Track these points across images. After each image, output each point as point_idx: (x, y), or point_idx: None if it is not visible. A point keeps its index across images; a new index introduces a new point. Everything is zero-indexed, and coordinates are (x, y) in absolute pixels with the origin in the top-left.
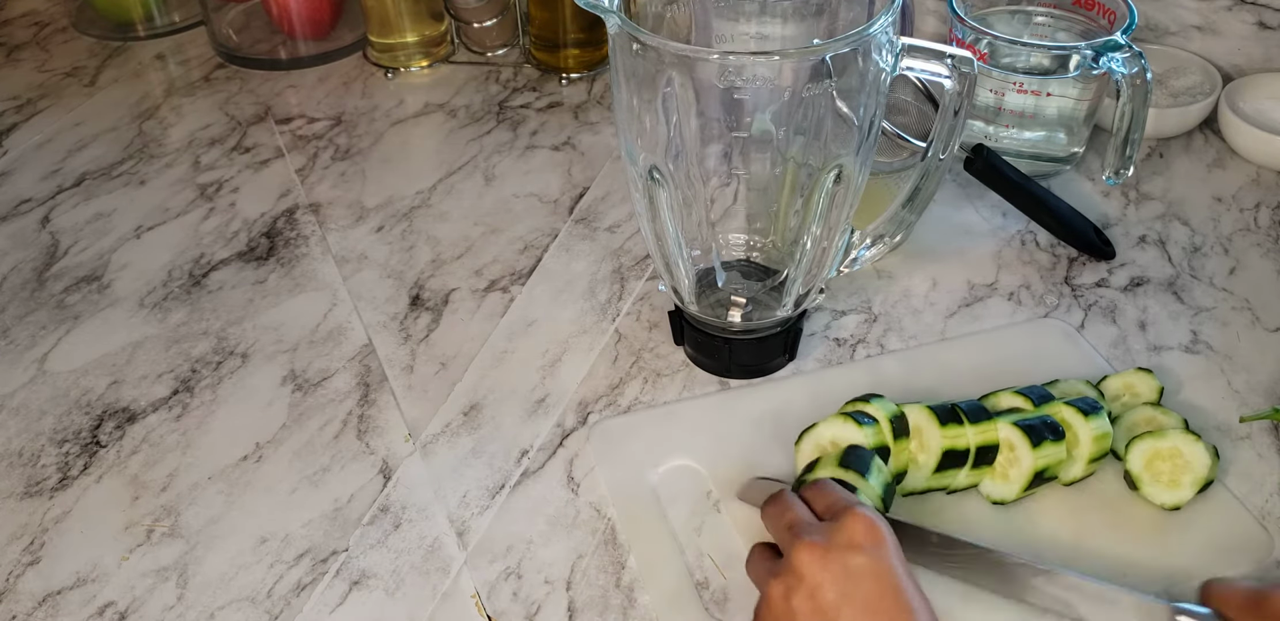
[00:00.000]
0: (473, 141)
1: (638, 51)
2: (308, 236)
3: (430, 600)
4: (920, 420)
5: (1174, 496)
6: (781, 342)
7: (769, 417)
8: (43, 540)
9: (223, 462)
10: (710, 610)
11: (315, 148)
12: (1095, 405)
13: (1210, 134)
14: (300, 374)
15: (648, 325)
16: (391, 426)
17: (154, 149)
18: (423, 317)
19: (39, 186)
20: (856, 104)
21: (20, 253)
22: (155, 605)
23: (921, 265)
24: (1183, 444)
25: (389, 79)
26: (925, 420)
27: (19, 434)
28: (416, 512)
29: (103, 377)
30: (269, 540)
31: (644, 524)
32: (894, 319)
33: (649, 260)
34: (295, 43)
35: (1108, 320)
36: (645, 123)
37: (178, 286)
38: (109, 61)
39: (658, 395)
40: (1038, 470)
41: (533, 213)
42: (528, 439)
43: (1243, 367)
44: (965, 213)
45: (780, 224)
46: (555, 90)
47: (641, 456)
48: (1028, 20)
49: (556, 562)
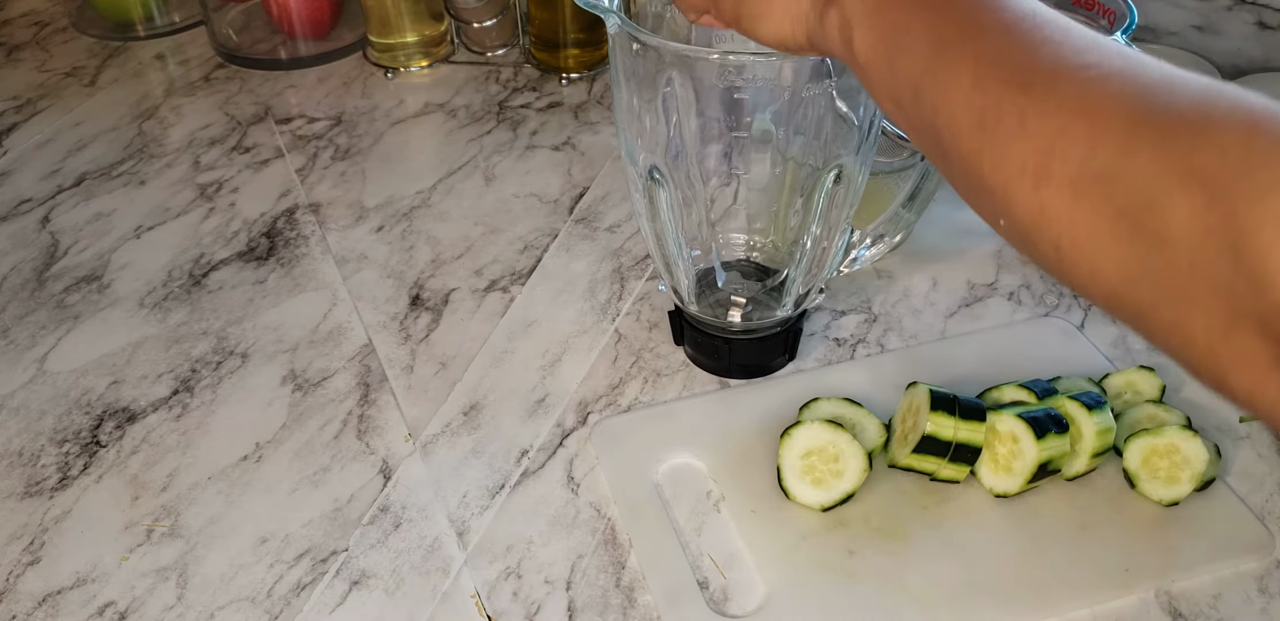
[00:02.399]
0: (473, 141)
1: (638, 51)
2: (308, 236)
3: (430, 600)
4: (919, 397)
5: (1172, 492)
6: (781, 342)
7: (769, 417)
8: (43, 540)
9: (223, 462)
10: (710, 610)
11: (315, 148)
12: (1099, 399)
13: None
14: (300, 374)
15: (648, 325)
16: (391, 426)
17: (154, 149)
18: (423, 318)
19: (39, 186)
20: (856, 104)
21: (20, 253)
22: (155, 605)
23: (921, 265)
24: (1180, 440)
25: (389, 79)
26: (923, 399)
27: (19, 434)
28: (416, 512)
29: (103, 377)
30: (269, 540)
31: (644, 523)
32: (894, 319)
33: (649, 260)
34: (295, 43)
35: (1108, 319)
36: (645, 123)
37: (178, 286)
38: (109, 61)
39: (658, 395)
40: (1041, 462)
41: (533, 213)
42: (528, 439)
43: None
44: (965, 212)
45: (780, 224)
46: (555, 90)
47: (642, 456)
48: None
49: (556, 562)
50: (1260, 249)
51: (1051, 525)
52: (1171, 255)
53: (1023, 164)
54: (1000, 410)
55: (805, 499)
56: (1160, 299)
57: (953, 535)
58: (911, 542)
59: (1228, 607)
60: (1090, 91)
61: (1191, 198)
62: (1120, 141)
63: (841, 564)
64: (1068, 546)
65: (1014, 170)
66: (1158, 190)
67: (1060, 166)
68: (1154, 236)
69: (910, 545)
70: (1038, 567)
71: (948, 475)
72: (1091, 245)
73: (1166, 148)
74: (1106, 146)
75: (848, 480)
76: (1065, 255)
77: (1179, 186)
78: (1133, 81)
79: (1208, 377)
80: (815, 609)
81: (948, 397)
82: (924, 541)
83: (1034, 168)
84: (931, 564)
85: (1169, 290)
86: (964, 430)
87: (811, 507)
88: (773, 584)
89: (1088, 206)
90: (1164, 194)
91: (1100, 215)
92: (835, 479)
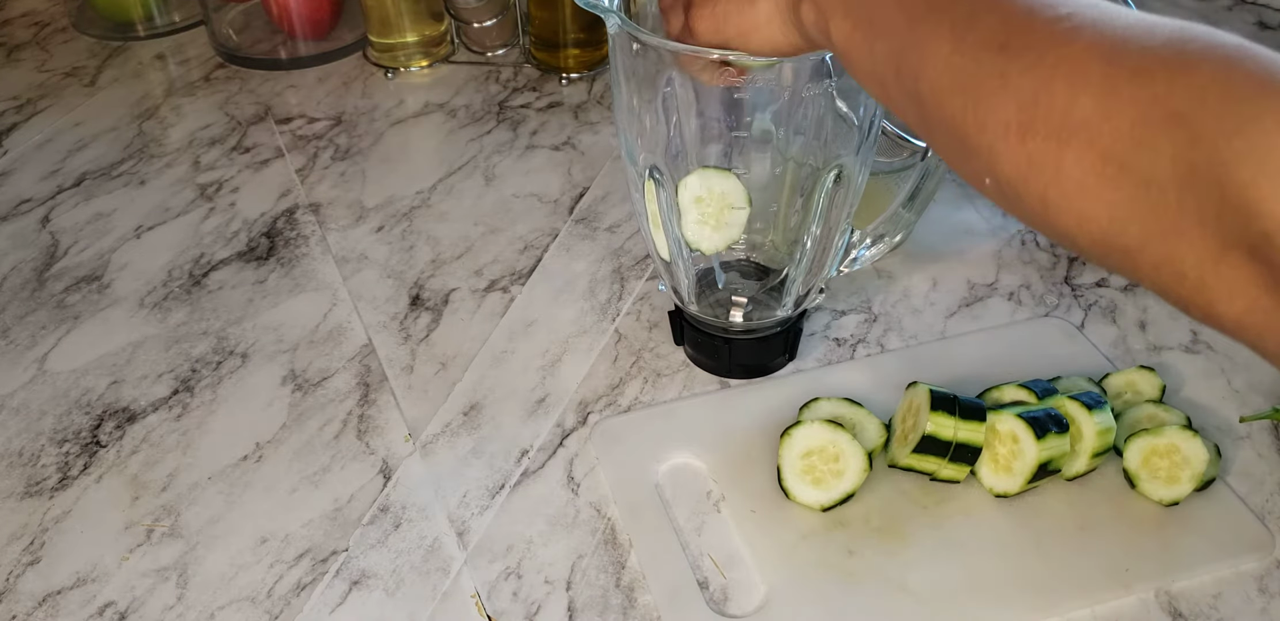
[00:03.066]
0: (473, 141)
1: (638, 51)
2: (308, 236)
3: (430, 600)
4: (919, 397)
5: (1172, 492)
6: (781, 342)
7: (769, 417)
8: (43, 540)
9: (223, 462)
10: (711, 610)
11: (315, 148)
12: (1099, 399)
13: None
14: (300, 374)
15: (648, 325)
16: (391, 426)
17: (154, 149)
18: (423, 317)
19: (39, 186)
20: (856, 104)
21: (20, 253)
22: (155, 605)
23: (921, 265)
24: (1180, 440)
25: (389, 79)
26: (923, 399)
27: (19, 434)
28: (416, 512)
29: (103, 377)
30: (269, 540)
31: (644, 523)
32: (894, 319)
33: (649, 260)
34: (295, 43)
35: (1108, 320)
36: (645, 123)
37: (178, 286)
38: (109, 61)
39: (658, 395)
40: (1041, 462)
41: (533, 213)
42: (528, 439)
43: (1243, 367)
44: (965, 212)
45: (780, 224)
46: (555, 90)
47: (642, 456)
48: None
49: (556, 562)
50: (1244, 181)
51: (1051, 525)
52: (1159, 194)
53: (1006, 121)
54: (1000, 410)
55: (805, 499)
56: (1149, 237)
57: (953, 535)
58: (911, 542)
59: (1228, 607)
60: (1066, 43)
61: (1174, 137)
62: (1100, 89)
63: (841, 564)
64: (1068, 546)
65: (998, 127)
66: (1141, 132)
67: (1044, 119)
68: (1140, 177)
69: (910, 545)
70: (1038, 567)
71: (948, 475)
72: (1079, 192)
73: (1145, 91)
74: (1087, 94)
75: (848, 480)
76: (1052, 205)
77: (1161, 127)
78: (1108, 29)
79: (1197, 310)
80: (815, 609)
81: (948, 397)
82: (924, 541)
83: (1018, 123)
84: (931, 564)
85: (1157, 227)
86: (964, 430)
87: (811, 507)
88: (773, 584)
89: (1073, 154)
90: (1147, 135)
91: (1086, 162)
92: (835, 479)
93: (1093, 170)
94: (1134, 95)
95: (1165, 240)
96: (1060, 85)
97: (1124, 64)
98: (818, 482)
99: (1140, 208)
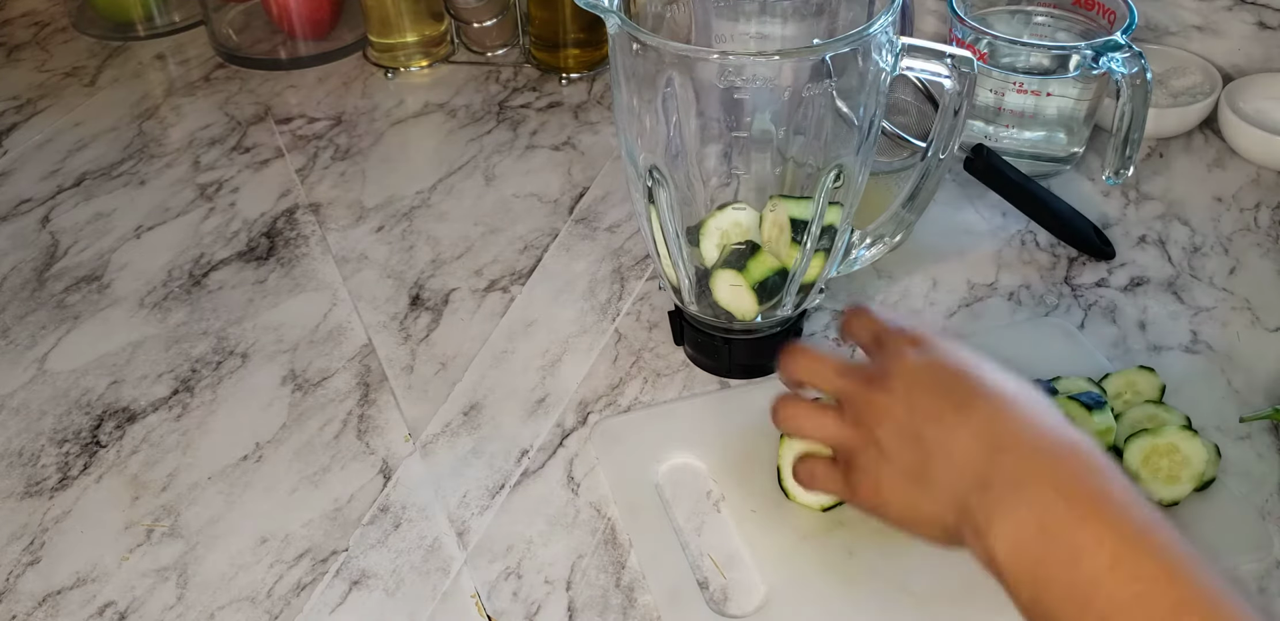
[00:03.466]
0: (473, 141)
1: (638, 51)
2: (308, 236)
3: (430, 600)
4: None
5: (1172, 492)
6: (781, 342)
7: (769, 417)
8: (43, 540)
9: (223, 462)
10: (711, 610)
11: (315, 148)
12: (1099, 400)
13: (1210, 134)
14: (300, 374)
15: (648, 325)
16: (391, 426)
17: (154, 149)
18: (423, 317)
19: (39, 186)
20: (856, 104)
21: (20, 253)
22: (155, 605)
23: (921, 265)
24: (1180, 440)
25: (389, 79)
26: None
27: (19, 434)
28: (416, 512)
29: (103, 377)
30: (269, 540)
31: (644, 523)
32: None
33: (649, 260)
34: (295, 43)
35: (1108, 320)
36: (645, 123)
37: (178, 286)
38: (109, 61)
39: (658, 395)
40: None
41: (533, 213)
42: (528, 439)
43: (1243, 367)
44: (965, 213)
45: None
46: (555, 90)
47: (642, 455)
48: (1028, 20)
49: (556, 562)
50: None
51: None
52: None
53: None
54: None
55: (805, 499)
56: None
57: None
58: (911, 543)
59: None
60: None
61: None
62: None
63: (841, 564)
64: None
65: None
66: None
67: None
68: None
69: (910, 546)
70: None
71: None
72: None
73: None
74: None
75: None
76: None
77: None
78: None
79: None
80: (815, 609)
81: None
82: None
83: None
84: (931, 564)
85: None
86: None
87: (811, 508)
88: (773, 584)
89: None
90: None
91: None
92: None
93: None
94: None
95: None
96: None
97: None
98: None
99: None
